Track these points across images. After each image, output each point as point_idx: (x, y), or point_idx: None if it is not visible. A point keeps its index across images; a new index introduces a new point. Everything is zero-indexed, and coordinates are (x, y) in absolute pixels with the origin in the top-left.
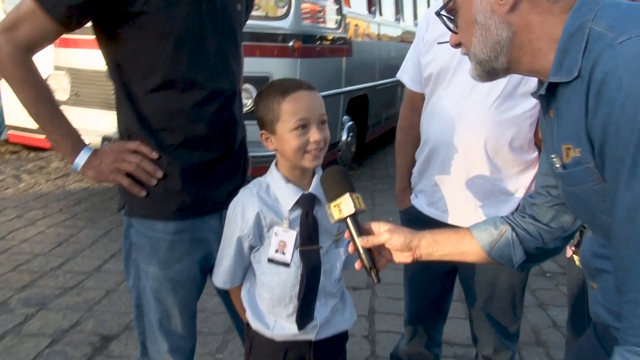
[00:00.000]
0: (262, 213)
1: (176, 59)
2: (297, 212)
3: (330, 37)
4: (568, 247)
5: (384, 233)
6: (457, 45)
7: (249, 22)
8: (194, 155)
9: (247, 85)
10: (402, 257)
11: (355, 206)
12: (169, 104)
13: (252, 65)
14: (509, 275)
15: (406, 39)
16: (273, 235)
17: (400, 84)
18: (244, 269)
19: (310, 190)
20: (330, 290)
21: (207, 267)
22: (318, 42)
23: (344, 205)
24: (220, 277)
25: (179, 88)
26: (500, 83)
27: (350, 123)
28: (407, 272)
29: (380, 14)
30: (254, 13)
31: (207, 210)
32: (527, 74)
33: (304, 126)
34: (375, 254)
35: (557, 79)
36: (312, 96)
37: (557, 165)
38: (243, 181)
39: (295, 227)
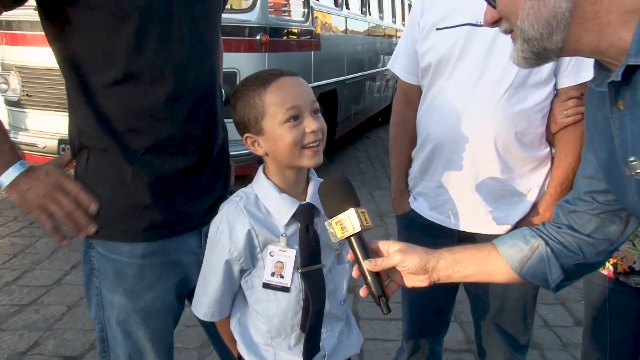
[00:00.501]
0: (254, 231)
1: (140, 45)
2: (295, 227)
3: (298, 31)
4: None
5: (394, 254)
6: (494, 22)
7: None
8: (165, 162)
9: None
10: (416, 281)
11: (360, 223)
12: (133, 100)
13: None
14: (520, 284)
15: (372, 32)
16: (268, 256)
17: (369, 78)
18: (233, 296)
19: (308, 199)
20: (335, 314)
21: (184, 291)
22: (286, 36)
23: (348, 223)
24: (206, 308)
25: (145, 80)
26: (511, 72)
27: None
28: None
29: (347, 7)
30: None
31: (182, 228)
32: (587, 54)
33: (295, 117)
34: (384, 277)
35: (639, 60)
36: (298, 82)
37: (639, 170)
38: (225, 192)
39: (293, 245)
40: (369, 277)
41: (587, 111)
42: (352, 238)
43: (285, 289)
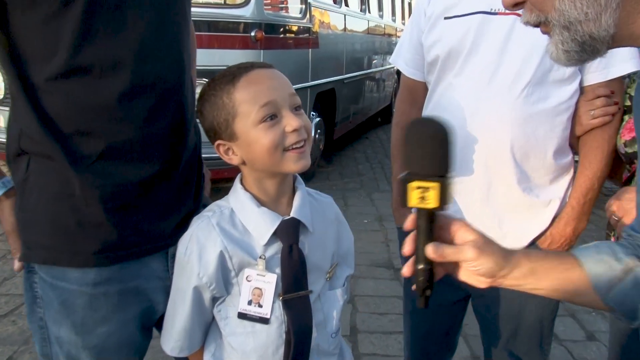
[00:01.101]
0: (228, 252)
1: (87, 31)
2: (277, 247)
3: (295, 27)
4: None
5: (467, 249)
6: (516, 4)
7: (205, 10)
8: (121, 171)
9: (203, 81)
10: (473, 280)
11: (447, 200)
12: (81, 97)
13: (209, 58)
14: (538, 305)
15: (372, 31)
16: (244, 281)
17: (368, 78)
18: (205, 326)
19: (293, 213)
20: (325, 349)
21: (149, 321)
22: (282, 33)
23: (433, 194)
24: (174, 342)
25: (95, 73)
26: (530, 67)
27: (318, 119)
28: (408, 303)
29: (346, 4)
30: (210, 0)
31: (144, 250)
32: None
33: (272, 115)
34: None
35: None
36: (273, 74)
37: None
38: (198, 206)
39: (274, 269)
40: (422, 262)
41: (634, 109)
42: (425, 213)
43: (264, 320)
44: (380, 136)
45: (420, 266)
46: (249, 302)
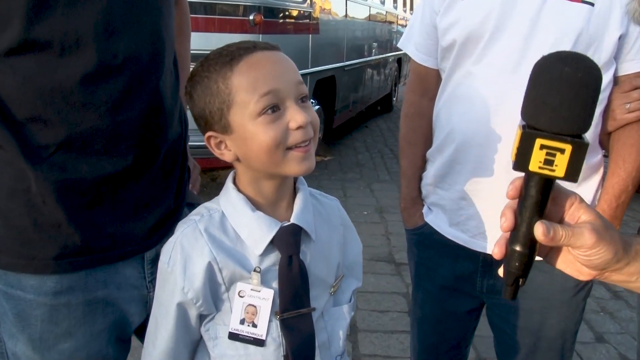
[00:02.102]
0: (217, 263)
1: (45, 0)
2: (274, 257)
3: (295, 12)
4: None
5: (585, 232)
6: None
7: None
8: (84, 165)
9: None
10: (573, 270)
11: (577, 167)
12: (38, 77)
13: (205, 42)
14: (561, 317)
15: (373, 18)
16: (236, 297)
17: (369, 65)
18: (192, 345)
19: (293, 219)
20: None
21: (124, 333)
22: (282, 17)
23: (564, 160)
24: None
25: (54, 50)
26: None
27: (317, 107)
28: (416, 310)
29: None
30: None
31: (113, 256)
32: None
33: (274, 106)
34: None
35: None
36: (279, 58)
37: None
38: (179, 205)
39: (271, 283)
40: (521, 245)
41: None
42: (545, 181)
43: (259, 342)
44: (380, 125)
45: (518, 248)
46: (242, 321)
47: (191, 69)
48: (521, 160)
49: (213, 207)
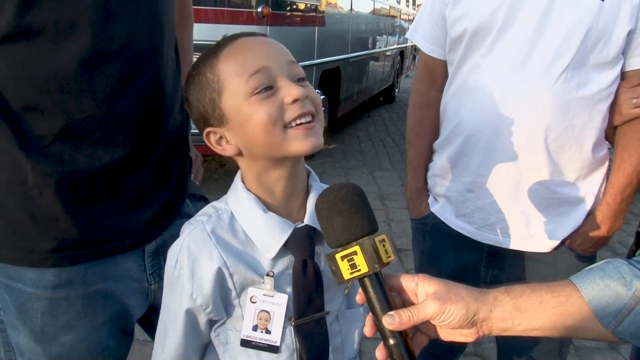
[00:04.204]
0: (228, 268)
1: None
2: (287, 261)
3: (302, 5)
4: None
5: (429, 303)
6: None
7: None
8: (82, 155)
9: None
10: (457, 336)
11: (379, 260)
12: (33, 64)
13: (214, 33)
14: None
15: (377, 11)
16: (248, 303)
17: (373, 58)
18: (202, 348)
19: (307, 220)
20: None
21: (126, 325)
22: (289, 10)
23: (359, 258)
24: None
25: (48, 36)
26: (570, 48)
27: (323, 97)
28: None
29: None
30: None
31: (112, 249)
32: None
33: (268, 87)
34: (409, 329)
35: None
36: (264, 40)
37: None
38: (181, 197)
39: (284, 287)
40: (389, 338)
41: None
42: (365, 280)
43: (273, 349)
44: (382, 115)
45: (391, 342)
46: (254, 328)
47: (194, 59)
48: (338, 277)
49: (221, 207)
